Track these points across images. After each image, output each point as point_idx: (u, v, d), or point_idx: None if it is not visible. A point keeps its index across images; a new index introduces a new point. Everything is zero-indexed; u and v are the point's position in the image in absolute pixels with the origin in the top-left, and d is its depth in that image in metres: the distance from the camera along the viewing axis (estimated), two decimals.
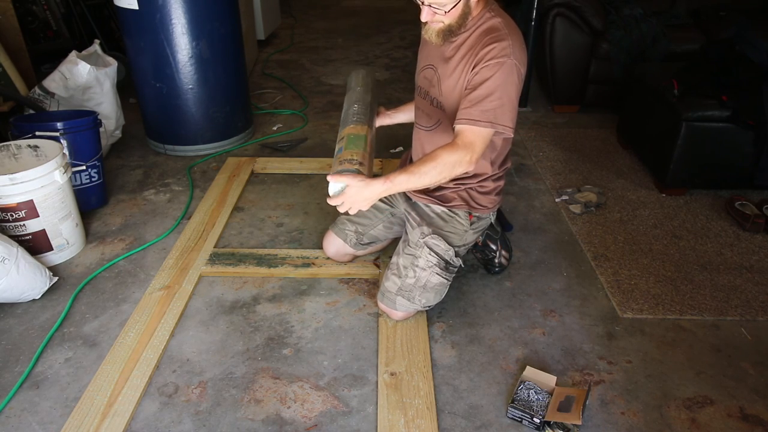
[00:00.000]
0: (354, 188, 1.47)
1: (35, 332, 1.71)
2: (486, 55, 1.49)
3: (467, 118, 1.48)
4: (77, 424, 1.39)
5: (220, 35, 2.62)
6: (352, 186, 1.47)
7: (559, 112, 3.36)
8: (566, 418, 1.40)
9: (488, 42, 1.50)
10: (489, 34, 1.51)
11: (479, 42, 1.52)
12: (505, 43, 1.49)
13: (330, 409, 1.48)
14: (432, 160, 1.47)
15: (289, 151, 2.88)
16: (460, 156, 1.47)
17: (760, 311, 1.82)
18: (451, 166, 1.48)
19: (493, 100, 1.47)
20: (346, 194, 1.48)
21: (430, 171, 1.47)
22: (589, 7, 3.06)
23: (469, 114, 1.48)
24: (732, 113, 2.28)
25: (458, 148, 1.47)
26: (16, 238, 1.88)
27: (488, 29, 1.53)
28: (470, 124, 1.48)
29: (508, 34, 1.51)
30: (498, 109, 1.48)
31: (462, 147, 1.47)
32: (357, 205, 1.50)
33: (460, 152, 1.47)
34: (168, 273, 1.93)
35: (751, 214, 2.23)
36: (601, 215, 2.34)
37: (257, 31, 4.39)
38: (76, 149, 2.20)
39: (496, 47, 1.48)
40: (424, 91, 1.73)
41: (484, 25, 1.54)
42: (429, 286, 1.69)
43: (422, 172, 1.47)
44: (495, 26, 1.53)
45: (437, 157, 1.47)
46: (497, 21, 1.53)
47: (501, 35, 1.50)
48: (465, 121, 1.49)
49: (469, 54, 1.54)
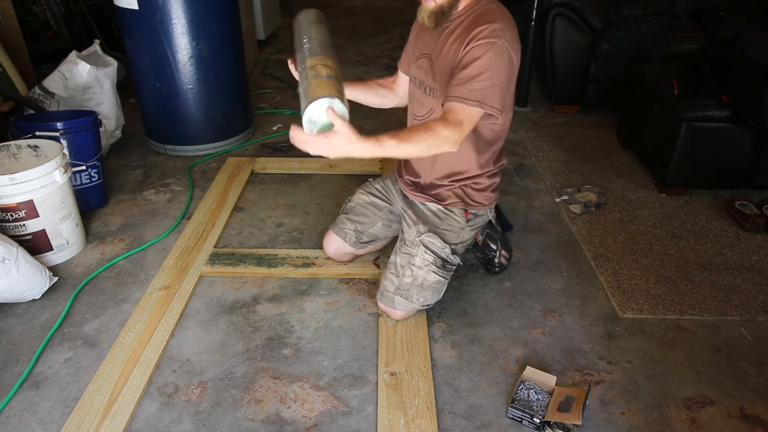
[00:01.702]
0: (342, 137, 1.26)
1: (35, 332, 1.71)
2: (478, 34, 1.47)
3: (457, 96, 1.45)
4: (77, 424, 1.39)
5: (220, 35, 2.62)
6: (341, 133, 1.25)
7: (559, 112, 3.36)
8: (566, 418, 1.40)
9: (480, 23, 1.49)
10: (482, 18, 1.51)
11: (472, 25, 1.52)
12: (496, 25, 1.48)
13: (330, 409, 1.48)
14: (426, 131, 1.40)
15: (289, 151, 2.88)
16: (450, 132, 1.41)
17: (760, 311, 1.82)
18: (441, 140, 1.41)
19: (482, 80, 1.45)
20: (329, 139, 1.26)
21: (422, 141, 1.38)
22: (589, 7, 3.06)
23: (458, 92, 1.46)
24: (732, 113, 2.28)
25: (450, 124, 1.42)
26: (16, 238, 1.88)
27: (482, 13, 1.53)
28: (459, 102, 1.45)
29: (501, 18, 1.51)
30: (487, 90, 1.46)
31: (453, 124, 1.42)
32: (330, 153, 1.28)
33: (451, 129, 1.42)
34: (168, 273, 1.93)
35: (751, 214, 2.23)
36: (601, 215, 2.34)
37: (257, 31, 4.39)
38: (76, 149, 2.20)
39: (488, 27, 1.47)
40: (419, 81, 1.73)
41: (478, 11, 1.54)
42: (426, 285, 1.69)
43: (413, 141, 1.38)
44: (489, 10, 1.53)
45: (432, 128, 1.40)
46: (492, 7, 1.54)
47: (494, 17, 1.50)
48: (454, 99, 1.46)
49: (462, 36, 1.53)
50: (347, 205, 1.99)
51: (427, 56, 1.67)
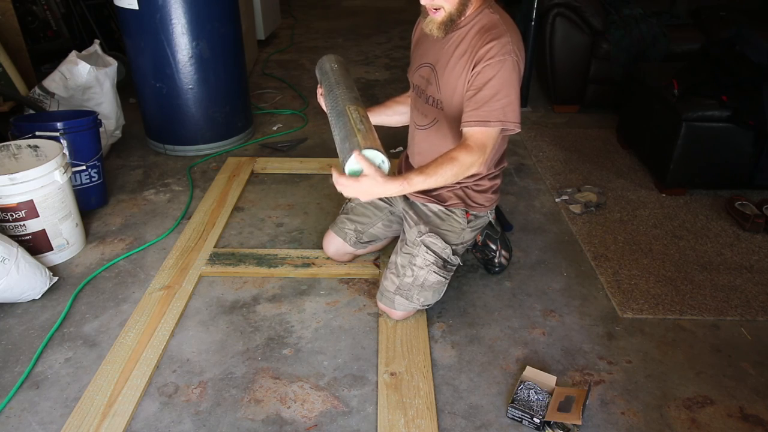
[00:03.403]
0: (371, 180, 1.33)
1: (35, 332, 1.71)
2: (486, 53, 1.49)
3: (477, 119, 1.48)
4: (77, 424, 1.39)
5: (220, 35, 2.62)
6: (370, 177, 1.33)
7: (559, 112, 3.36)
8: (566, 418, 1.40)
9: (487, 39, 1.49)
10: (487, 32, 1.51)
11: (478, 40, 1.52)
12: (504, 40, 1.48)
13: (330, 409, 1.48)
14: (450, 162, 1.44)
15: (289, 151, 2.88)
16: (474, 157, 1.46)
17: (760, 311, 1.82)
18: (466, 167, 1.45)
19: (500, 99, 1.47)
20: (360, 182, 1.33)
21: (447, 172, 1.43)
22: (589, 7, 3.06)
23: (478, 115, 1.48)
24: (732, 113, 2.28)
25: (473, 150, 1.46)
26: (16, 238, 1.88)
27: (486, 26, 1.52)
28: (480, 125, 1.48)
29: (506, 30, 1.51)
30: (507, 107, 1.48)
31: (476, 149, 1.46)
32: (362, 197, 1.38)
33: (474, 154, 1.46)
34: (168, 273, 1.93)
35: (751, 214, 2.23)
36: (601, 215, 2.34)
37: (257, 31, 4.39)
38: (76, 149, 2.20)
39: (496, 45, 1.48)
40: (421, 90, 1.72)
41: (481, 21, 1.54)
42: (427, 285, 1.69)
43: (439, 174, 1.43)
44: (493, 23, 1.52)
45: (456, 158, 1.44)
46: (495, 17, 1.53)
47: (499, 32, 1.50)
48: (474, 122, 1.48)
49: (468, 52, 1.54)
50: (347, 205, 1.99)
51: (430, 66, 1.67)
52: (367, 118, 1.48)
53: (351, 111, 1.49)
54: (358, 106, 1.53)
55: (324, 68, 1.78)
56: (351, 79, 1.70)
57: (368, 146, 1.35)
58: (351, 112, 1.48)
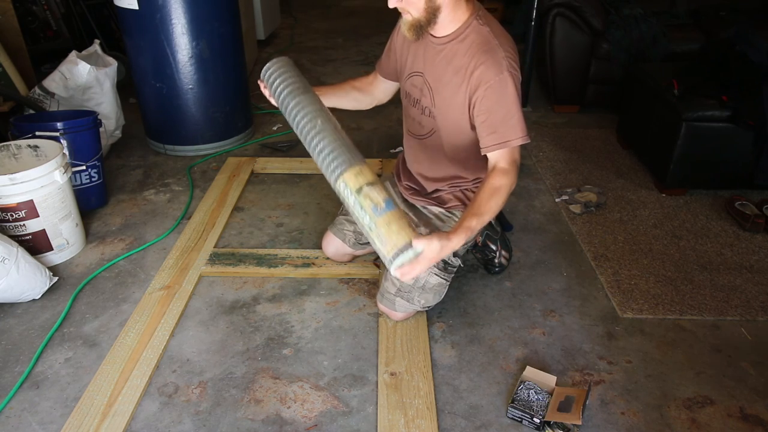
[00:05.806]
0: (437, 245, 1.28)
1: (35, 332, 1.71)
2: (484, 76, 1.48)
3: (498, 143, 1.49)
4: (77, 424, 1.39)
5: (220, 35, 2.62)
6: (434, 243, 1.28)
7: (559, 112, 3.36)
8: (566, 418, 1.40)
9: (482, 60, 1.49)
10: (480, 49, 1.50)
11: (471, 58, 1.50)
12: (498, 55, 1.48)
13: (330, 409, 1.48)
14: (496, 192, 1.44)
15: (289, 151, 2.88)
16: (513, 176, 1.48)
17: (760, 311, 1.82)
18: (508, 189, 1.48)
19: (513, 115, 1.49)
20: (425, 257, 1.27)
21: (494, 203, 1.44)
22: (589, 7, 3.06)
23: (498, 138, 1.49)
24: (732, 113, 2.28)
25: (509, 172, 1.48)
26: (16, 238, 1.88)
27: (477, 42, 1.51)
28: (504, 146, 1.49)
29: (498, 43, 1.49)
30: (520, 120, 1.50)
31: (510, 168, 1.49)
32: (437, 260, 1.32)
33: (511, 173, 1.48)
34: (168, 273, 1.93)
35: (751, 214, 2.23)
36: (601, 215, 2.34)
37: (257, 31, 4.39)
38: (76, 149, 2.20)
39: (492, 64, 1.48)
40: (415, 99, 1.71)
41: (470, 35, 1.52)
42: (428, 287, 1.69)
43: (490, 207, 1.44)
44: (484, 38, 1.51)
45: (500, 189, 1.45)
46: (485, 30, 1.51)
47: (491, 46, 1.49)
48: (497, 146, 1.50)
49: (462, 70, 1.52)
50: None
51: (420, 75, 1.65)
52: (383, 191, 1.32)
53: (366, 194, 1.29)
54: (364, 165, 1.32)
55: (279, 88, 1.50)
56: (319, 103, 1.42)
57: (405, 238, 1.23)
58: (365, 196, 1.28)
